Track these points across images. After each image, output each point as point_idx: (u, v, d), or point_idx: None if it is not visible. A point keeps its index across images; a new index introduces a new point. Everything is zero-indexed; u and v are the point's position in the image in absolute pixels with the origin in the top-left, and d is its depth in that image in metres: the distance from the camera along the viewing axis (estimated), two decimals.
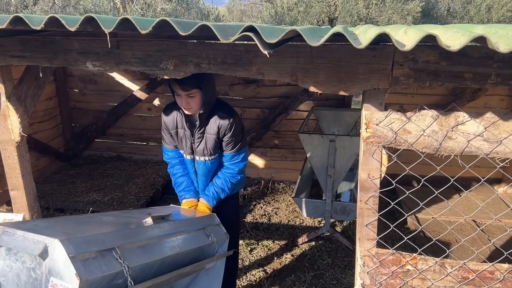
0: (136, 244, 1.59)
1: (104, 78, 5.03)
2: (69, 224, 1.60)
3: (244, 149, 2.37)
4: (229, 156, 2.33)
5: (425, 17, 10.63)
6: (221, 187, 2.35)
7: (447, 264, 1.72)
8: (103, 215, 1.81)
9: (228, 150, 2.30)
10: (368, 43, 1.24)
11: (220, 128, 2.21)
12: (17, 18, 1.36)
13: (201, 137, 2.25)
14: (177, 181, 2.46)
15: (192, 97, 2.09)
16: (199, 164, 2.35)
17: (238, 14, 20.83)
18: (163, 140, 2.45)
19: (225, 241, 2.17)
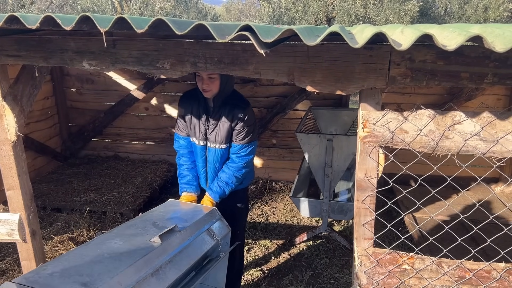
0: (150, 273, 1.61)
1: (101, 77, 5.02)
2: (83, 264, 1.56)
3: (253, 143, 2.41)
4: (237, 147, 2.36)
5: (422, 17, 10.65)
6: (226, 181, 2.39)
7: (444, 263, 1.72)
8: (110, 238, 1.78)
9: (238, 140, 2.35)
10: (364, 42, 1.24)
11: (234, 115, 2.28)
12: (13, 17, 1.36)
13: (215, 124, 2.32)
14: (182, 173, 2.51)
15: (212, 79, 2.18)
16: (210, 151, 2.40)
17: (236, 13, 20.82)
18: (177, 126, 2.50)
19: (227, 234, 2.19)
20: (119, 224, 3.75)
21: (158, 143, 5.17)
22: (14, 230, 2.06)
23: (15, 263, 3.06)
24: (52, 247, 3.28)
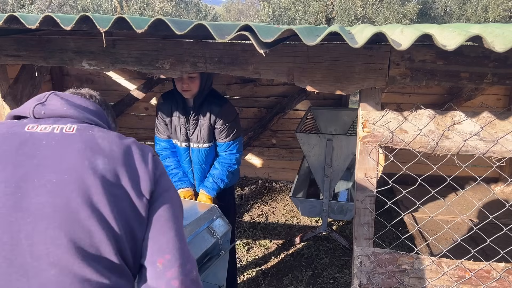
0: None
1: (101, 77, 5.02)
2: None
3: (238, 139, 2.39)
4: (224, 146, 2.35)
5: (422, 17, 10.66)
6: (220, 177, 2.38)
7: (443, 263, 1.72)
8: None
9: (222, 138, 2.33)
10: (364, 42, 1.24)
11: (212, 114, 2.26)
12: (12, 17, 1.36)
13: (196, 123, 2.29)
14: (171, 173, 2.48)
15: (193, 79, 2.16)
16: (193, 151, 2.38)
17: (236, 13, 20.83)
18: (156, 129, 2.46)
19: (228, 231, 2.20)
20: None
21: None
22: None
23: None
24: None
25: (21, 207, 0.84)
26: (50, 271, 0.82)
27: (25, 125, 0.96)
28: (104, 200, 0.88)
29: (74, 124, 0.98)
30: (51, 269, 0.82)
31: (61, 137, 0.94)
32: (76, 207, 0.85)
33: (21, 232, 0.82)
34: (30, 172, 0.87)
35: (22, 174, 0.87)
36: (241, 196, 4.53)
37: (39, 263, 0.82)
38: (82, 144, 0.93)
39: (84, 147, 0.92)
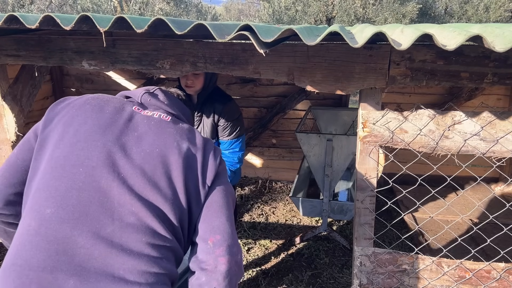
0: None
1: (101, 77, 5.01)
2: None
3: (241, 137, 2.40)
4: (226, 144, 2.36)
5: (422, 16, 10.66)
6: None
7: (443, 263, 1.72)
8: None
9: (225, 136, 2.33)
10: (364, 42, 1.24)
11: (216, 111, 2.27)
12: (12, 16, 1.35)
13: (199, 120, 2.31)
14: None
15: (197, 75, 2.17)
16: None
17: (236, 13, 20.83)
18: None
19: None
20: None
21: None
22: None
23: None
24: None
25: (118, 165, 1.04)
26: (130, 218, 1.01)
27: (133, 106, 1.19)
28: (179, 176, 1.08)
29: (169, 115, 1.20)
30: (131, 216, 1.01)
31: (159, 121, 1.16)
32: (158, 175, 1.06)
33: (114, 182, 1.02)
34: (131, 140, 1.09)
35: (124, 141, 1.08)
36: (241, 196, 4.53)
37: (123, 209, 1.01)
38: (173, 129, 1.15)
39: (175, 132, 1.14)
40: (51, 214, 0.99)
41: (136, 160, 1.06)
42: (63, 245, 0.96)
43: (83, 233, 0.97)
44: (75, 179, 1.02)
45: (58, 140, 1.08)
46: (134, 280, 0.97)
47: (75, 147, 1.06)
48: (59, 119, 1.13)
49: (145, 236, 1.01)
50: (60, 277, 0.93)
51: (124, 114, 1.14)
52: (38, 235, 0.97)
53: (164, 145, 1.10)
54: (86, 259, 0.96)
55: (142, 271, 0.98)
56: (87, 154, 1.05)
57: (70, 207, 0.99)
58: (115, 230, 0.99)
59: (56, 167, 1.04)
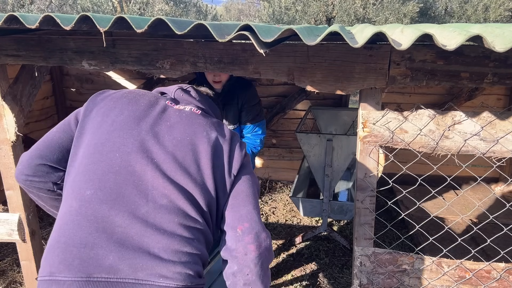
0: None
1: (101, 77, 5.01)
2: None
3: (263, 121, 2.54)
4: (250, 128, 2.49)
5: (422, 16, 10.65)
6: None
7: (443, 263, 1.72)
8: None
9: (248, 120, 2.46)
10: (364, 42, 1.24)
11: (239, 98, 2.40)
12: (12, 16, 1.35)
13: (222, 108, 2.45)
14: None
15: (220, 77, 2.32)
16: None
17: (236, 13, 20.83)
18: None
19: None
20: None
21: None
22: (13, 230, 2.05)
23: (15, 263, 3.06)
24: None
25: (152, 151, 1.13)
26: (163, 200, 1.08)
27: (166, 100, 1.28)
28: (208, 164, 1.15)
29: (199, 109, 1.30)
30: (163, 198, 1.08)
31: (190, 113, 1.25)
32: (189, 162, 1.14)
33: (148, 166, 1.10)
34: (163, 130, 1.17)
35: (157, 130, 1.17)
36: None
37: (156, 192, 1.08)
38: (203, 121, 1.23)
39: (205, 123, 1.23)
40: (90, 196, 1.07)
41: (168, 147, 1.14)
42: (102, 224, 1.04)
43: (120, 213, 1.05)
44: (112, 164, 1.11)
45: (96, 128, 1.18)
46: (168, 258, 1.04)
47: (111, 135, 1.15)
48: (97, 110, 1.23)
49: (177, 217, 1.08)
50: (100, 253, 1.01)
51: (157, 107, 1.24)
52: (79, 215, 1.06)
53: (194, 134, 1.18)
54: (123, 237, 1.03)
55: (175, 250, 1.05)
56: (122, 141, 1.14)
57: (107, 189, 1.08)
58: (149, 211, 1.06)
59: (94, 152, 1.13)
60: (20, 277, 2.88)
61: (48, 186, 1.23)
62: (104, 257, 1.01)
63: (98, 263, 1.00)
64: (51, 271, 1.02)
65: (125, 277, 1.00)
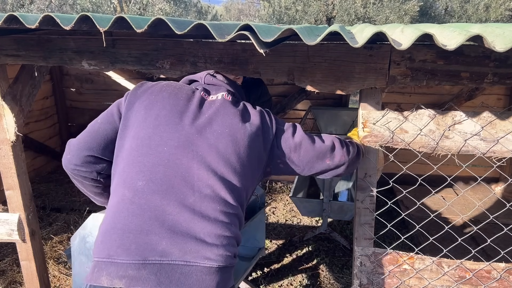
0: None
1: (101, 77, 5.01)
2: None
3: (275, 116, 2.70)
4: None
5: (422, 16, 10.65)
6: None
7: (444, 263, 1.72)
8: None
9: None
10: (364, 42, 1.24)
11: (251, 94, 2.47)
12: (12, 16, 1.35)
13: None
14: None
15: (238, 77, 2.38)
16: None
17: (236, 13, 20.83)
18: None
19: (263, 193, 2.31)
20: None
21: None
22: (13, 230, 2.05)
23: (15, 263, 3.06)
24: (52, 247, 3.28)
25: (197, 144, 1.24)
26: (207, 190, 1.20)
27: (200, 92, 1.38)
28: (246, 152, 1.29)
29: (229, 94, 1.40)
30: (207, 188, 1.21)
31: (222, 101, 1.36)
32: (229, 152, 1.26)
33: (194, 159, 1.22)
34: (203, 123, 1.29)
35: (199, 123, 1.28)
36: None
37: (201, 183, 1.21)
38: (235, 110, 1.34)
39: (237, 112, 1.34)
40: (143, 186, 1.19)
41: (211, 140, 1.26)
42: (155, 212, 1.16)
43: (171, 203, 1.17)
44: (161, 157, 1.22)
45: (141, 121, 1.28)
46: (212, 242, 1.17)
47: (157, 129, 1.26)
48: (140, 103, 1.33)
49: (219, 206, 1.21)
50: (154, 239, 1.13)
51: (194, 100, 1.34)
52: (133, 204, 1.17)
53: (231, 125, 1.30)
54: (174, 224, 1.15)
55: (218, 234, 1.18)
56: (169, 136, 1.25)
57: (158, 180, 1.19)
58: (196, 200, 1.19)
59: (142, 145, 1.24)
60: (20, 277, 2.88)
61: (93, 175, 1.35)
62: (158, 242, 1.13)
63: (152, 247, 1.12)
64: (109, 254, 1.13)
65: (176, 259, 1.13)
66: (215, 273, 1.15)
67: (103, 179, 1.37)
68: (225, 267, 1.19)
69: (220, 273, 1.17)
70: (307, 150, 1.40)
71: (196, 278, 1.13)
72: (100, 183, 1.38)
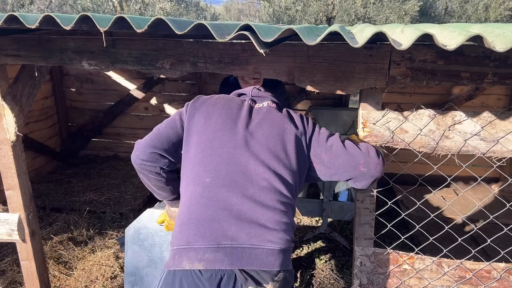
0: None
1: (101, 77, 5.01)
2: None
3: None
4: None
5: (422, 16, 10.65)
6: None
7: (444, 263, 1.72)
8: None
9: None
10: (364, 42, 1.24)
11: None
12: (12, 16, 1.35)
13: None
14: None
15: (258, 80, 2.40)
16: None
17: (236, 13, 20.82)
18: None
19: None
20: (119, 224, 3.76)
21: None
22: (13, 230, 2.05)
23: (15, 263, 3.06)
24: (52, 247, 3.28)
25: (250, 145, 1.45)
26: (264, 182, 1.40)
27: (248, 101, 1.61)
28: (292, 149, 1.48)
29: (273, 103, 1.63)
30: (264, 181, 1.40)
31: (268, 108, 1.59)
32: (279, 150, 1.45)
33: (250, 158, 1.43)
34: (254, 126, 1.50)
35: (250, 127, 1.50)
36: None
37: (258, 177, 1.40)
38: (281, 114, 1.56)
39: (283, 116, 1.56)
40: (210, 182, 1.39)
41: (262, 140, 1.46)
42: (222, 203, 1.36)
43: (235, 194, 1.37)
44: (223, 157, 1.43)
45: (202, 129, 1.51)
46: (273, 227, 1.34)
47: (217, 134, 1.48)
48: (199, 114, 1.56)
49: (275, 195, 1.39)
50: (225, 226, 1.33)
51: (244, 108, 1.56)
52: (204, 197, 1.38)
53: (278, 127, 1.51)
54: (239, 213, 1.34)
55: (277, 220, 1.36)
56: (227, 139, 1.46)
57: (222, 176, 1.40)
58: (255, 192, 1.38)
59: (206, 148, 1.46)
60: (20, 277, 2.88)
61: (156, 170, 1.55)
62: (228, 229, 1.32)
63: (223, 233, 1.32)
64: (188, 241, 1.33)
65: (244, 243, 1.31)
66: (278, 254, 1.33)
67: (165, 174, 1.58)
68: (286, 250, 1.35)
69: (281, 255, 1.34)
70: (338, 153, 1.50)
71: (262, 259, 1.31)
72: (163, 177, 1.58)
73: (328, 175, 1.56)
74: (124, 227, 3.66)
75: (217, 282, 1.29)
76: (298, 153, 1.49)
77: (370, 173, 1.49)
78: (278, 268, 1.32)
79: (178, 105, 4.95)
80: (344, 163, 1.50)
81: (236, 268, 1.29)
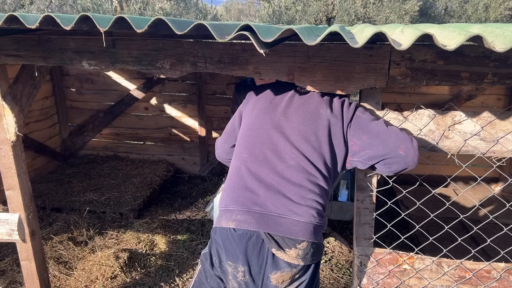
0: None
1: (101, 77, 5.01)
2: None
3: None
4: None
5: (422, 16, 10.64)
6: None
7: (444, 263, 1.72)
8: None
9: None
10: (364, 42, 1.24)
11: None
12: (12, 16, 1.35)
13: None
14: None
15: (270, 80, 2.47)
16: None
17: (236, 13, 20.82)
18: None
19: None
20: (119, 224, 3.76)
21: (158, 143, 5.17)
22: (13, 230, 2.05)
23: (15, 263, 3.06)
24: (52, 247, 3.28)
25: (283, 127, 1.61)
26: (292, 161, 1.55)
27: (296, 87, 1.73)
28: (324, 133, 1.58)
29: None
30: (292, 160, 1.55)
31: (311, 94, 1.69)
32: (309, 133, 1.58)
33: (281, 138, 1.59)
34: (291, 110, 1.64)
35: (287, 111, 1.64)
36: None
37: (287, 156, 1.56)
38: (320, 99, 1.66)
39: (322, 101, 1.65)
40: (246, 157, 1.60)
41: (294, 123, 1.60)
42: (255, 176, 1.55)
43: (265, 169, 1.55)
44: (259, 136, 1.62)
45: (250, 113, 1.71)
46: (298, 201, 1.49)
47: (258, 117, 1.66)
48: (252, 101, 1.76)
49: (301, 174, 1.53)
50: (255, 194, 1.52)
51: (289, 94, 1.70)
52: (241, 170, 1.59)
53: (313, 112, 1.61)
54: (268, 185, 1.52)
55: (302, 196, 1.50)
56: (265, 121, 1.64)
57: (256, 153, 1.59)
58: (283, 169, 1.54)
59: (248, 129, 1.67)
60: (20, 277, 2.88)
61: None
62: (258, 197, 1.51)
63: (254, 200, 1.51)
64: (226, 204, 1.57)
65: (271, 211, 1.48)
66: (302, 226, 1.47)
67: None
68: (312, 224, 1.48)
69: (307, 227, 1.47)
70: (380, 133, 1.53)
71: (287, 227, 1.47)
72: None
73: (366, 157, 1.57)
74: (124, 227, 3.67)
75: (246, 239, 1.48)
76: (331, 137, 1.58)
77: (406, 160, 1.49)
78: (302, 237, 1.47)
79: (178, 105, 4.95)
80: (384, 141, 1.52)
81: (262, 231, 1.47)
